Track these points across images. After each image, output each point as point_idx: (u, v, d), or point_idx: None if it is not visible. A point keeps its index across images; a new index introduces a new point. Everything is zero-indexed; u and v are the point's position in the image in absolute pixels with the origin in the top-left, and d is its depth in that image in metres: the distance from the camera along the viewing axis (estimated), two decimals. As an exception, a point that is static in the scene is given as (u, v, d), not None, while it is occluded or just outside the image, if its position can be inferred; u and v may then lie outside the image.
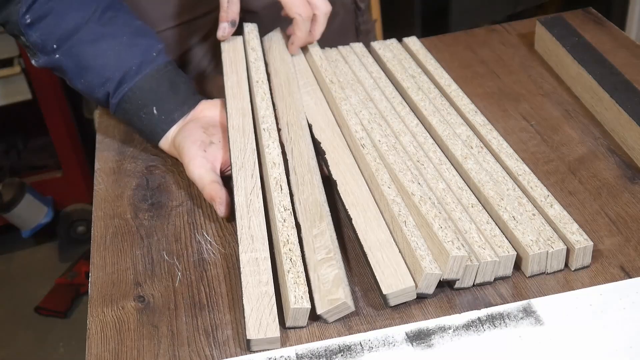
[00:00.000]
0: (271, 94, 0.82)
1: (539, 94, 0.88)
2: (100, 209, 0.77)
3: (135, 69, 0.80)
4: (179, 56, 1.03)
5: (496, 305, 0.62)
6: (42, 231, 1.98)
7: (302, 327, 0.61)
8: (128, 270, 0.69)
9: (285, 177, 0.71)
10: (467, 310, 0.61)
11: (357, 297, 0.63)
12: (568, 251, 0.64)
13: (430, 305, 0.62)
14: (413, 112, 0.83)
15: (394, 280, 0.61)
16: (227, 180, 0.77)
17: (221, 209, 0.72)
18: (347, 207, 0.68)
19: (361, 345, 0.59)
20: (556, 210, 0.66)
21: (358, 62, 0.91)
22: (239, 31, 0.91)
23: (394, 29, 2.05)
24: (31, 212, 1.91)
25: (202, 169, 0.75)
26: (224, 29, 0.88)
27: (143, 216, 0.75)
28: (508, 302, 0.62)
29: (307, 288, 0.61)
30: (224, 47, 0.88)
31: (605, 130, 0.81)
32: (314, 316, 0.62)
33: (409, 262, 0.62)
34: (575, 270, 0.64)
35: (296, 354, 0.59)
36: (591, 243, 0.63)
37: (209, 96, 0.87)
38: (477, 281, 0.63)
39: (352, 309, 0.61)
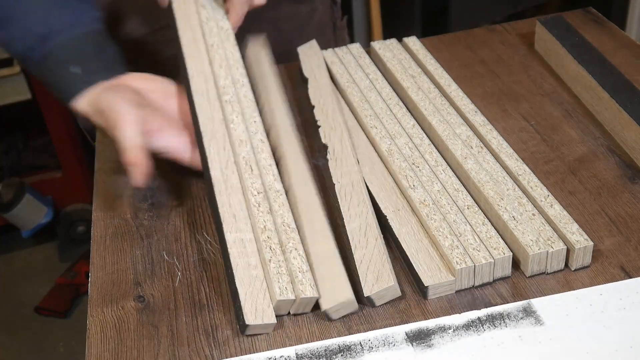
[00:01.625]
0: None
1: (539, 94, 0.88)
2: (100, 209, 0.77)
3: (64, 28, 0.77)
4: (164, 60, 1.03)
5: (496, 305, 0.62)
6: (42, 231, 1.98)
7: (306, 313, 0.61)
8: (128, 270, 0.69)
9: (253, 156, 0.66)
10: (467, 310, 0.61)
11: (356, 297, 0.63)
12: (568, 251, 0.64)
13: (430, 305, 0.62)
14: (412, 112, 0.83)
15: (332, 295, 0.61)
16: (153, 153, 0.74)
17: (139, 178, 0.68)
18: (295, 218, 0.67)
19: (361, 345, 0.59)
20: (556, 210, 0.66)
21: (354, 63, 0.91)
22: None
23: (394, 29, 2.05)
24: (31, 212, 1.91)
25: (133, 128, 0.70)
26: None
27: (143, 216, 0.75)
28: (508, 302, 0.62)
29: (289, 278, 0.59)
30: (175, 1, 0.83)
31: (605, 130, 0.81)
32: (320, 313, 0.62)
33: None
34: (575, 270, 0.64)
35: (296, 354, 0.59)
36: (591, 243, 0.63)
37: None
38: (476, 283, 0.63)
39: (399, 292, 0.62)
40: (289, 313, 0.61)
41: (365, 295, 0.62)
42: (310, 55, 0.93)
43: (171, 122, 0.75)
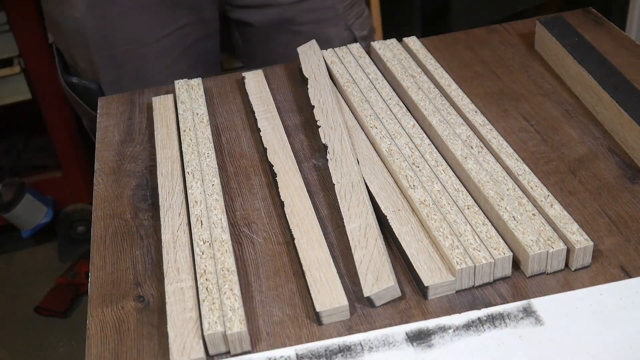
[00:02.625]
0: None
1: (539, 94, 0.88)
2: (100, 209, 0.77)
3: None
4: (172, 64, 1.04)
5: (496, 305, 0.62)
6: (42, 231, 1.97)
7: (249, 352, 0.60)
8: (128, 270, 0.69)
9: (206, 213, 0.71)
10: (467, 310, 0.61)
11: (357, 297, 0.63)
12: (568, 251, 0.64)
13: (430, 305, 0.62)
14: (412, 112, 0.83)
15: (328, 299, 0.61)
16: None
17: None
18: (290, 227, 0.69)
19: (361, 345, 0.59)
20: (556, 210, 0.66)
21: (355, 63, 0.91)
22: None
23: (394, 29, 2.05)
24: (31, 212, 1.91)
25: None
26: None
27: (143, 216, 0.75)
28: (508, 302, 0.62)
29: (221, 313, 0.60)
30: (155, 105, 0.89)
31: (605, 130, 0.81)
32: (312, 317, 0.62)
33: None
34: (575, 270, 0.64)
35: (296, 354, 0.59)
36: (591, 243, 0.63)
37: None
38: (476, 283, 0.63)
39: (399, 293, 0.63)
40: (228, 352, 0.60)
41: (365, 296, 0.62)
42: (310, 55, 0.93)
43: None
